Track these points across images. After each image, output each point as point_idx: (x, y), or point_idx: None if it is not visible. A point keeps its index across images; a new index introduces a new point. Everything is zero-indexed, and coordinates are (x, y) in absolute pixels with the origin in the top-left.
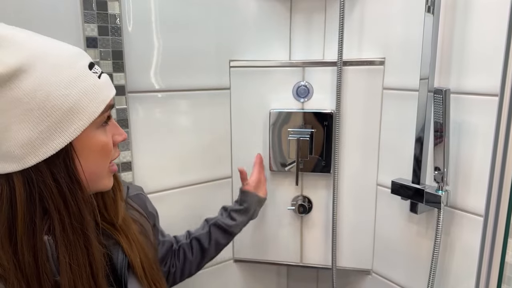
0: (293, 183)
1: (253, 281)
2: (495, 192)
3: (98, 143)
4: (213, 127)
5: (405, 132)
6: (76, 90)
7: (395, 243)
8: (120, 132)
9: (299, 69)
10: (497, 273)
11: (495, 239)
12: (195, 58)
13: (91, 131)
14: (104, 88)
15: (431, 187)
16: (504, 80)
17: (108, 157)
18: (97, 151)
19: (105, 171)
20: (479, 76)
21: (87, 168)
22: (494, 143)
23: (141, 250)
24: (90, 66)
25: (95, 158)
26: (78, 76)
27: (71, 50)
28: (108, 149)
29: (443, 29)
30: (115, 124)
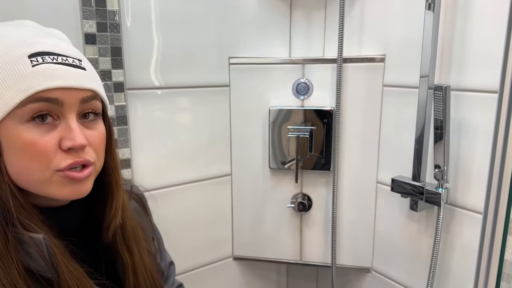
0: (292, 181)
1: (253, 279)
2: (494, 190)
3: (18, 139)
4: (213, 124)
5: (405, 129)
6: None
7: (395, 241)
8: (72, 136)
9: (299, 66)
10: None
11: (494, 236)
12: (194, 55)
13: (13, 123)
14: (32, 77)
15: (431, 184)
16: (504, 77)
17: (40, 159)
18: (19, 148)
19: (46, 176)
20: (480, 73)
21: (13, 165)
22: (493, 140)
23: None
24: (35, 55)
25: (20, 156)
26: (7, 63)
27: (23, 39)
28: (34, 150)
29: (443, 26)
30: (69, 127)
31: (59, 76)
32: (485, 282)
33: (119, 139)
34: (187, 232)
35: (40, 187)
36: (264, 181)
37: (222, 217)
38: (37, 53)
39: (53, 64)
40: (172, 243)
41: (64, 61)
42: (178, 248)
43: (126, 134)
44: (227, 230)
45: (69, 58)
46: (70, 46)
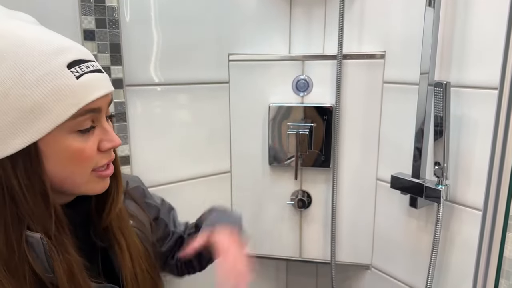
0: (292, 178)
1: (252, 275)
2: (494, 187)
3: (68, 149)
4: (212, 121)
5: (405, 126)
6: (40, 90)
7: (395, 237)
8: (109, 138)
9: (298, 63)
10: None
11: (494, 233)
12: (194, 51)
13: (61, 135)
14: (80, 91)
15: (431, 181)
16: (504, 73)
17: (84, 164)
18: (68, 157)
19: (86, 177)
20: (480, 70)
21: (57, 173)
22: (493, 137)
23: (136, 259)
24: (73, 64)
25: (66, 165)
26: (48, 75)
27: (52, 44)
28: (83, 156)
29: (443, 23)
30: (105, 129)
31: (98, 86)
32: (484, 279)
33: (118, 135)
34: None
35: (78, 187)
36: (263, 178)
37: None
38: (73, 62)
39: (90, 74)
40: None
41: (94, 67)
42: None
43: (125, 131)
44: None
45: (93, 63)
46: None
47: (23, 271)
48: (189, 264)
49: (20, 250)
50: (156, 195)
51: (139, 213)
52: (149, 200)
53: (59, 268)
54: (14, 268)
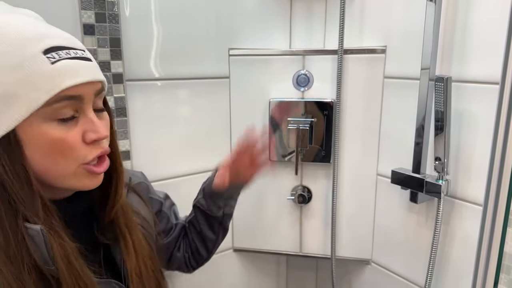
0: (292, 173)
1: (253, 270)
2: (494, 182)
3: (47, 138)
4: (213, 116)
5: (406, 121)
6: (15, 76)
7: (395, 232)
8: (94, 129)
9: (299, 58)
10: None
11: (494, 228)
12: (194, 46)
13: (37, 122)
14: (54, 76)
15: (431, 176)
16: (506, 67)
17: (68, 155)
18: (47, 146)
19: (70, 170)
20: (481, 64)
21: (39, 163)
22: (494, 132)
23: (140, 256)
24: (49, 51)
25: (47, 154)
26: (23, 62)
27: (28, 32)
28: (64, 146)
29: (444, 17)
30: (91, 120)
31: (78, 72)
32: (484, 273)
33: (118, 130)
34: None
35: (63, 180)
36: (264, 173)
37: None
38: (50, 48)
39: (69, 60)
40: None
41: (76, 54)
42: None
43: (125, 126)
44: None
45: (78, 50)
46: (72, 36)
47: (22, 259)
48: (196, 252)
49: (17, 238)
50: (160, 191)
51: (142, 209)
52: (153, 195)
53: (58, 257)
54: (13, 256)
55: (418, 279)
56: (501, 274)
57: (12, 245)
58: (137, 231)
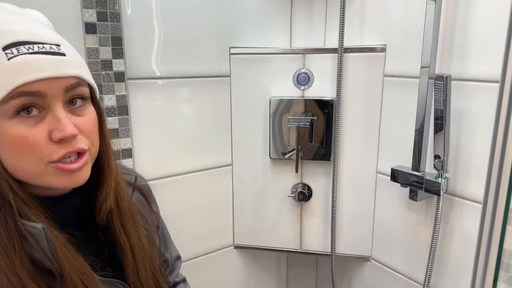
0: (293, 171)
1: (253, 267)
2: (494, 179)
3: (8, 135)
4: (214, 115)
5: (405, 119)
6: None
7: (394, 230)
8: (60, 127)
9: (299, 56)
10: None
11: (494, 226)
12: (195, 44)
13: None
14: (10, 72)
15: (430, 174)
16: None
17: (32, 153)
18: (9, 143)
19: (39, 168)
20: (481, 63)
21: (7, 160)
22: (494, 130)
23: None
24: (9, 47)
25: (11, 151)
26: None
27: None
28: (27, 145)
29: (445, 16)
30: (57, 118)
31: (37, 67)
32: (483, 271)
33: (120, 128)
34: (188, 222)
35: (36, 178)
36: (264, 171)
37: (223, 207)
38: (10, 44)
39: (29, 55)
40: (174, 232)
41: (41, 49)
42: (179, 237)
43: (127, 124)
44: (228, 219)
45: (46, 44)
46: (47, 30)
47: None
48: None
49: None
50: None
51: (145, 210)
52: (155, 207)
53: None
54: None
55: (418, 276)
56: (500, 271)
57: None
58: (136, 233)
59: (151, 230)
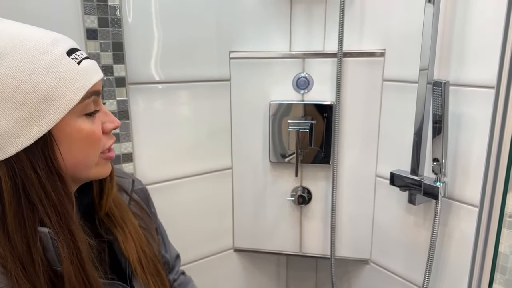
0: (292, 174)
1: (253, 270)
2: (490, 184)
3: (81, 132)
4: (214, 119)
5: (404, 123)
6: (50, 77)
7: (393, 233)
8: (111, 119)
9: (299, 61)
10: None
11: (489, 229)
12: (195, 49)
13: (72, 119)
14: (83, 74)
15: (429, 178)
16: (501, 72)
17: (96, 146)
18: (80, 140)
19: (95, 160)
20: (479, 68)
21: (71, 157)
22: (489, 135)
23: (138, 244)
24: (70, 52)
25: (80, 148)
26: (53, 63)
27: (48, 37)
28: (94, 138)
29: (443, 20)
30: (105, 112)
31: (95, 70)
32: (480, 273)
33: (121, 133)
34: (188, 225)
35: (88, 170)
36: (264, 175)
37: (223, 210)
38: (69, 50)
39: (85, 60)
40: (174, 235)
41: (84, 55)
42: (180, 240)
43: (128, 129)
44: (228, 223)
45: (83, 51)
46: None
47: (39, 267)
48: None
49: (36, 246)
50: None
51: (143, 214)
52: (152, 208)
53: (67, 259)
54: (30, 265)
55: (417, 279)
56: (496, 273)
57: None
58: (133, 221)
59: (150, 232)
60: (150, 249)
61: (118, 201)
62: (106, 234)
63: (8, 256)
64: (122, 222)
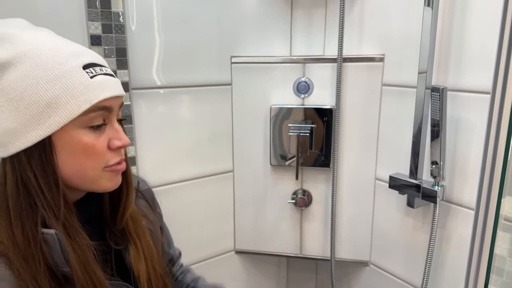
0: (293, 177)
1: (254, 271)
2: (485, 188)
3: (80, 143)
4: (215, 122)
5: (403, 127)
6: (57, 86)
7: (393, 236)
8: (119, 137)
9: (299, 65)
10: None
11: (485, 231)
12: (197, 54)
13: (73, 129)
14: (93, 89)
15: (427, 182)
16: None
17: (94, 160)
18: (78, 150)
19: (97, 173)
20: (476, 74)
21: (68, 166)
22: (485, 140)
23: (149, 261)
24: (88, 66)
25: (76, 158)
26: (65, 74)
27: (70, 49)
28: (93, 151)
29: (441, 26)
30: (116, 129)
31: (110, 87)
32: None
33: None
34: (190, 227)
35: (90, 182)
36: (265, 177)
37: (224, 212)
38: (88, 64)
39: (103, 75)
40: (176, 238)
41: (106, 71)
42: (181, 242)
43: (131, 133)
44: (229, 225)
45: (106, 68)
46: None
47: (39, 262)
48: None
49: (36, 241)
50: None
51: (149, 213)
52: (158, 208)
53: (73, 260)
54: (31, 258)
55: (415, 281)
56: (492, 275)
57: (32, 247)
58: (146, 236)
59: (156, 231)
60: (161, 265)
61: (136, 216)
62: (117, 243)
63: (10, 247)
64: (136, 238)
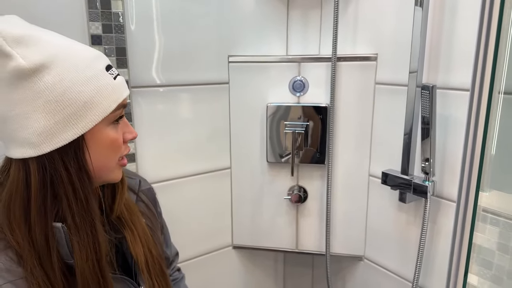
0: (289, 174)
1: (251, 266)
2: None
3: (108, 138)
4: (213, 120)
5: (396, 125)
6: (91, 87)
7: (386, 230)
8: (130, 130)
9: (295, 65)
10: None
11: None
12: (195, 53)
13: (102, 126)
14: (118, 89)
15: (418, 177)
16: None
17: (117, 152)
18: (106, 145)
19: (114, 165)
20: (465, 72)
21: (96, 160)
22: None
23: (145, 245)
24: (108, 68)
25: (104, 152)
26: (95, 76)
27: (91, 52)
28: (117, 145)
29: (431, 25)
30: (126, 123)
31: (125, 86)
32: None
33: None
34: (189, 223)
35: (108, 173)
36: (262, 174)
37: (222, 208)
38: (107, 66)
39: (119, 76)
40: (175, 233)
41: (117, 72)
42: (180, 238)
43: (137, 136)
44: (227, 221)
45: (114, 68)
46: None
47: (53, 258)
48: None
49: (53, 238)
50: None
51: (150, 212)
52: (158, 208)
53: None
54: (46, 255)
55: (408, 274)
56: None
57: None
58: (141, 223)
59: (156, 230)
60: (156, 250)
61: (129, 204)
62: (115, 233)
63: (25, 246)
64: (132, 224)
